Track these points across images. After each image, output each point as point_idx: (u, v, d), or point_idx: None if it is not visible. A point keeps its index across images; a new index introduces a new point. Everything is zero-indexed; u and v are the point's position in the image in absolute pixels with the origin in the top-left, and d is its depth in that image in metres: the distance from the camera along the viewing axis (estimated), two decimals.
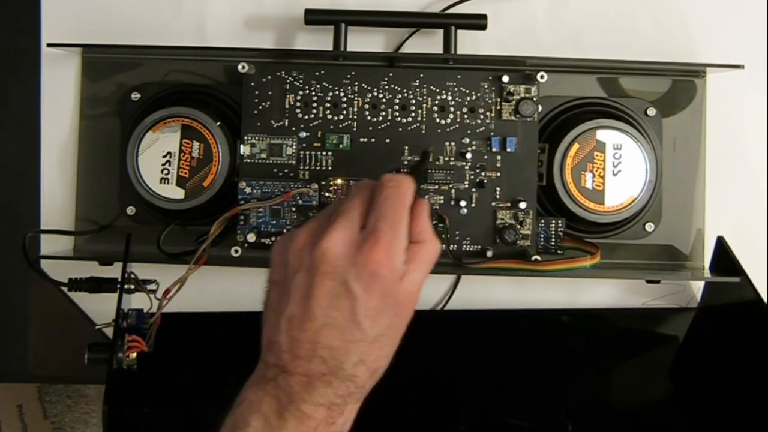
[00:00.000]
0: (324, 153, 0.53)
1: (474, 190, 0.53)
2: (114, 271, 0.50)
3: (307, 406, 0.36)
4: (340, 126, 0.53)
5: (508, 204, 0.53)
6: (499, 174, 0.53)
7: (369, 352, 0.37)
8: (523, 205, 0.53)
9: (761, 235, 0.58)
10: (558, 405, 0.57)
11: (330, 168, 0.53)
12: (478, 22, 0.55)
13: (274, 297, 0.39)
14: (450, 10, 0.58)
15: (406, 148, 0.53)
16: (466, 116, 0.53)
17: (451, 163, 0.53)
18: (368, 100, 0.53)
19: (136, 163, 0.53)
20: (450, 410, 0.56)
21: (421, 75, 0.53)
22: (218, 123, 0.53)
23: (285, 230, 0.53)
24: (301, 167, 0.53)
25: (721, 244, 0.55)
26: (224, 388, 0.56)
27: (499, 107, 0.53)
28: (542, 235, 0.54)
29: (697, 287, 0.58)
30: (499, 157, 0.53)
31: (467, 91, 0.53)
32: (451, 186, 0.53)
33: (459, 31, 0.55)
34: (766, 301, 0.51)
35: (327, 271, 0.37)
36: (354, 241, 0.37)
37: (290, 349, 0.37)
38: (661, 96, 0.56)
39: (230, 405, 0.39)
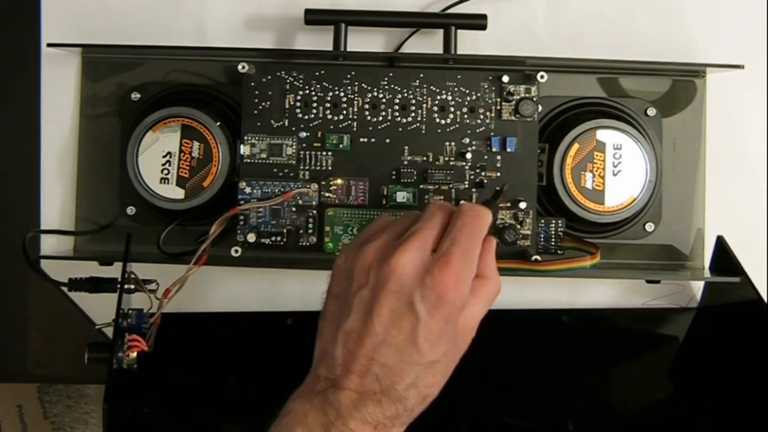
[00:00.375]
0: (324, 153, 0.53)
1: (474, 190, 0.53)
2: (114, 271, 0.50)
3: (355, 423, 0.36)
4: (340, 126, 0.53)
5: (508, 204, 0.53)
6: (499, 174, 0.53)
7: (423, 376, 0.37)
8: (523, 205, 0.53)
9: (761, 235, 0.58)
10: (558, 405, 0.57)
11: (330, 168, 0.53)
12: (478, 22, 0.55)
13: (334, 309, 0.39)
14: (450, 10, 0.58)
15: (406, 148, 0.53)
16: (466, 116, 0.53)
17: (451, 163, 0.53)
18: (368, 100, 0.53)
19: (136, 163, 0.53)
20: (450, 410, 0.56)
21: (421, 75, 0.53)
22: (218, 123, 0.53)
23: (285, 230, 0.53)
24: (301, 167, 0.53)
25: (721, 244, 0.55)
26: (224, 389, 0.56)
27: (499, 107, 0.53)
28: (542, 235, 0.54)
29: (697, 287, 0.58)
30: (499, 157, 0.53)
31: (467, 91, 0.53)
32: (451, 186, 0.53)
33: (459, 31, 0.55)
34: (766, 300, 0.51)
35: (393, 289, 0.36)
36: (424, 263, 0.37)
37: (344, 363, 0.37)
38: (661, 96, 0.56)
39: (229, 406, 0.39)
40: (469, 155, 0.53)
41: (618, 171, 0.53)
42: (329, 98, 0.53)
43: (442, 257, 0.37)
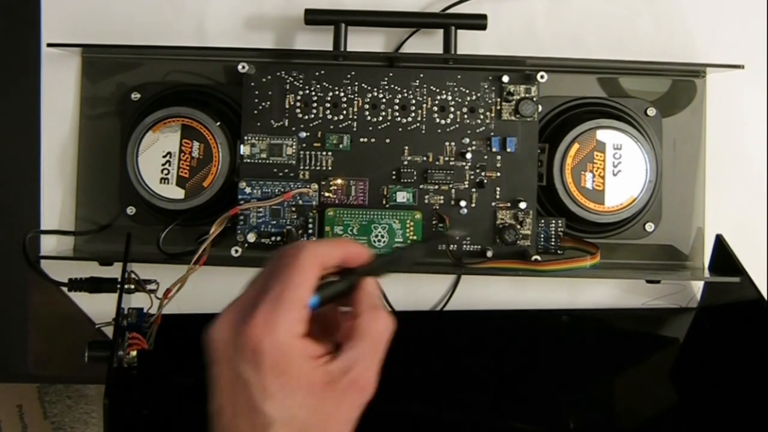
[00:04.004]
0: (324, 153, 0.53)
1: (474, 190, 0.53)
2: (114, 271, 0.50)
3: None
4: (340, 126, 0.53)
5: (508, 204, 0.53)
6: (499, 174, 0.53)
7: None
8: (523, 205, 0.53)
9: (761, 234, 0.58)
10: (559, 405, 0.57)
11: (330, 168, 0.53)
12: (478, 22, 0.55)
13: (210, 391, 0.36)
14: (450, 10, 0.58)
15: (406, 148, 0.53)
16: (466, 116, 0.53)
17: (451, 163, 0.53)
18: (368, 100, 0.53)
19: (136, 163, 0.53)
20: (450, 410, 0.56)
21: (421, 75, 0.53)
22: (218, 123, 0.53)
23: (285, 230, 0.53)
24: (301, 167, 0.53)
25: (721, 243, 0.55)
26: None
27: (499, 107, 0.53)
28: (542, 235, 0.54)
29: (697, 287, 0.58)
30: (499, 157, 0.53)
31: (467, 91, 0.53)
32: (451, 186, 0.53)
33: (459, 31, 0.55)
34: (766, 300, 0.51)
35: (219, 360, 0.34)
36: (238, 323, 0.34)
37: None
38: (661, 96, 0.56)
39: None
40: (469, 155, 0.53)
41: (618, 171, 0.53)
42: (329, 98, 0.53)
43: (251, 310, 0.34)
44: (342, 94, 0.53)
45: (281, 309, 0.34)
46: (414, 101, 0.53)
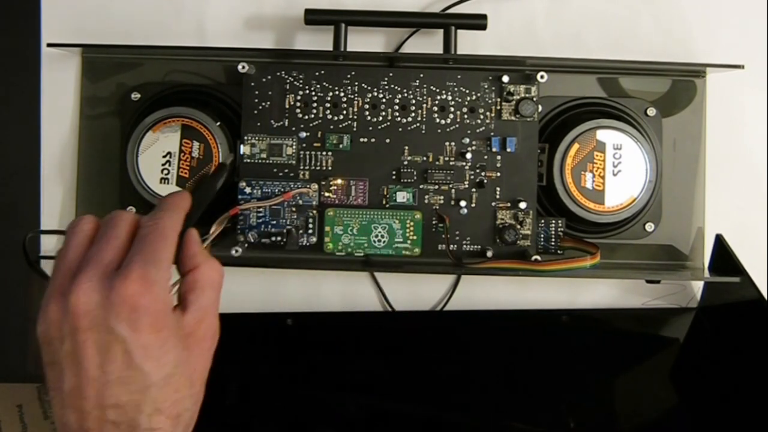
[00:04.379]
0: (324, 153, 0.53)
1: (474, 190, 0.53)
2: None
3: None
4: (340, 126, 0.53)
5: (508, 204, 0.53)
6: (499, 174, 0.53)
7: (162, 397, 0.34)
8: (523, 205, 0.53)
9: (761, 234, 0.58)
10: (559, 405, 0.57)
11: (330, 168, 0.53)
12: (478, 22, 0.55)
13: (52, 377, 0.35)
14: (450, 10, 0.58)
15: (406, 148, 0.53)
16: (466, 116, 0.53)
17: (451, 163, 0.53)
18: (368, 100, 0.53)
19: (136, 163, 0.53)
20: (450, 410, 0.56)
21: (421, 75, 0.53)
22: (218, 123, 0.53)
23: (285, 230, 0.53)
24: (301, 167, 0.53)
25: (720, 243, 0.55)
26: (223, 388, 0.56)
27: (499, 107, 0.53)
28: (542, 235, 0.54)
29: (697, 287, 0.58)
30: (499, 157, 0.53)
31: (467, 91, 0.53)
32: (451, 186, 0.53)
33: (459, 31, 0.55)
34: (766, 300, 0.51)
35: (87, 326, 0.33)
36: (105, 285, 0.34)
37: (80, 426, 0.34)
38: (661, 96, 0.56)
39: (228, 406, 0.38)
40: (469, 155, 0.53)
41: (618, 171, 0.53)
42: (329, 98, 0.53)
43: (123, 270, 0.34)
44: (342, 94, 0.53)
45: (156, 268, 0.35)
46: (414, 101, 0.53)
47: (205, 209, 0.43)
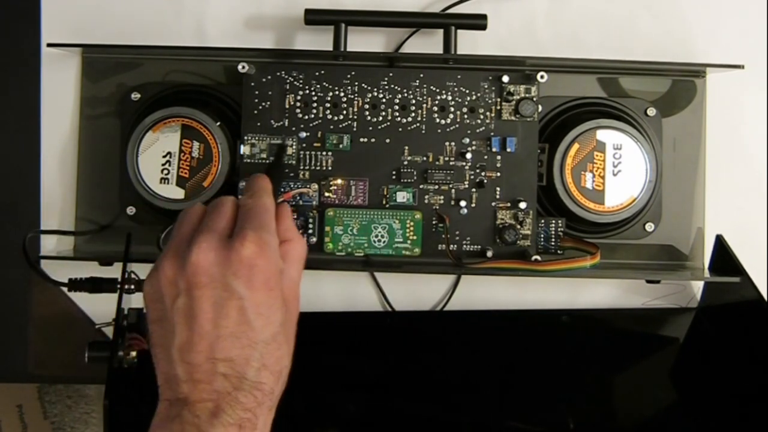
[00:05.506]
0: (324, 153, 0.53)
1: (474, 190, 0.53)
2: (114, 271, 0.49)
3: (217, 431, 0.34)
4: (340, 126, 0.53)
5: (508, 204, 0.53)
6: (499, 174, 0.53)
7: (268, 353, 0.36)
8: (523, 205, 0.53)
9: (761, 234, 0.58)
10: (559, 405, 0.57)
11: (330, 168, 0.53)
12: (478, 22, 0.55)
13: (159, 333, 0.37)
14: (450, 10, 0.58)
15: (406, 148, 0.53)
16: (466, 116, 0.53)
17: (451, 163, 0.53)
18: (368, 100, 0.53)
19: (136, 163, 0.53)
20: (450, 411, 0.56)
21: (421, 75, 0.53)
22: (218, 123, 0.53)
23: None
24: (301, 167, 0.53)
25: (720, 243, 0.55)
26: None
27: (499, 107, 0.53)
28: (542, 235, 0.54)
29: (697, 287, 0.58)
30: (499, 157, 0.53)
31: (467, 91, 0.53)
32: (451, 186, 0.53)
33: (459, 31, 0.55)
34: (766, 300, 0.51)
35: (204, 283, 0.36)
36: (223, 246, 0.37)
37: (189, 378, 0.35)
38: (661, 96, 0.56)
39: None
40: (469, 155, 0.53)
41: (618, 171, 0.53)
42: (329, 98, 0.53)
43: (238, 234, 0.37)
44: (342, 94, 0.53)
45: (267, 234, 0.38)
46: (414, 101, 0.53)
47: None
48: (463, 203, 0.53)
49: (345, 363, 0.57)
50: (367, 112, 0.53)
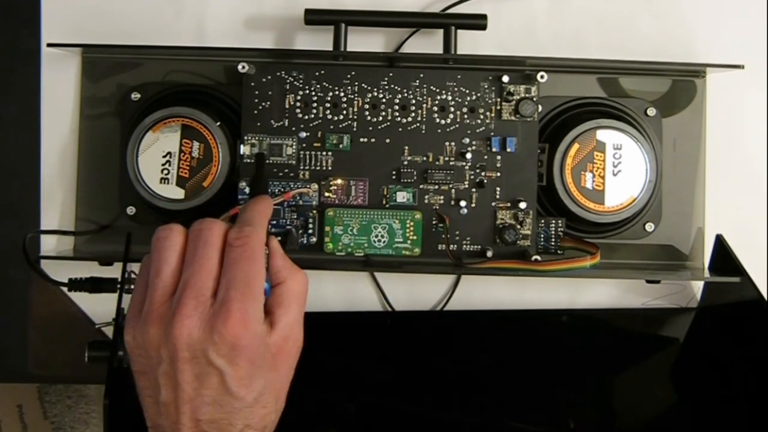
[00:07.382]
0: (324, 153, 0.53)
1: (474, 190, 0.53)
2: (114, 271, 0.50)
3: None
4: (340, 126, 0.53)
5: (508, 204, 0.53)
6: (499, 174, 0.53)
7: (252, 414, 0.37)
8: (523, 205, 0.53)
9: (761, 234, 0.58)
10: (559, 405, 0.57)
11: (330, 168, 0.53)
12: (478, 22, 0.55)
13: (146, 385, 0.38)
14: (450, 10, 0.58)
15: (406, 148, 0.53)
16: (466, 116, 0.53)
17: (451, 163, 0.53)
18: (368, 100, 0.53)
19: (136, 163, 0.53)
20: (450, 411, 0.56)
21: (421, 75, 0.53)
22: (218, 123, 0.53)
23: (285, 230, 0.53)
24: (301, 167, 0.53)
25: (720, 243, 0.55)
26: None
27: (499, 107, 0.53)
28: (542, 235, 0.54)
29: (697, 287, 0.58)
30: (499, 157, 0.53)
31: (467, 91, 0.53)
32: (451, 186, 0.53)
33: (459, 31, 0.55)
34: (766, 300, 0.51)
35: (186, 358, 0.36)
36: (206, 319, 0.36)
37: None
38: (661, 96, 0.56)
39: None
40: (469, 155, 0.53)
41: (618, 171, 0.53)
42: (329, 98, 0.53)
43: (222, 307, 0.36)
44: (342, 94, 0.53)
45: (252, 304, 0.37)
46: (414, 101, 0.53)
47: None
48: (463, 203, 0.53)
49: (345, 363, 0.57)
50: (367, 112, 0.53)
